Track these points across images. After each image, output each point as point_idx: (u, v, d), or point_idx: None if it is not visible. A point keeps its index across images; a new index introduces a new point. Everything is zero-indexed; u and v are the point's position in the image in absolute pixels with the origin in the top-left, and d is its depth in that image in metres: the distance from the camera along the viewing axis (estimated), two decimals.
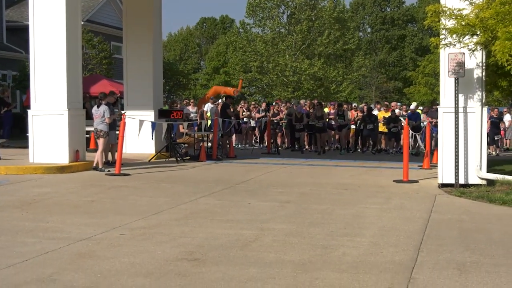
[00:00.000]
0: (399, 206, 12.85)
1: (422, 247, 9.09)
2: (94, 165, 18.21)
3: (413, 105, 30.26)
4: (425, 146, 22.97)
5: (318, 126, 26.68)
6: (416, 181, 16.40)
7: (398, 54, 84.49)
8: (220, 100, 31.01)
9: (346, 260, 8.32)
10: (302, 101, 34.87)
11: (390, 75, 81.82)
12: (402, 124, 25.04)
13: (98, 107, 18.41)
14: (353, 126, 28.72)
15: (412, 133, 26.14)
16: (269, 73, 56.87)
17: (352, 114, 28.90)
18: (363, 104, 34.40)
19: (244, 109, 31.00)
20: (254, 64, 57.69)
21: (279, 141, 29.43)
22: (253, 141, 31.37)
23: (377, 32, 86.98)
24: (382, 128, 27.64)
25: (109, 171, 17.74)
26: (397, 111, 28.53)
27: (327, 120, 27.54)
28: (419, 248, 9.02)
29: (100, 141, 18.26)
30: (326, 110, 29.26)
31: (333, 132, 28.42)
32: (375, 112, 28.78)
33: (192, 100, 31.17)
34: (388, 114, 27.76)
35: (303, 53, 57.29)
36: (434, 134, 23.81)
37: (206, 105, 29.89)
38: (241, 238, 9.61)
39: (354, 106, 32.82)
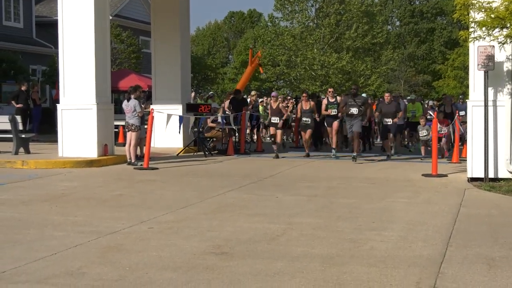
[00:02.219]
0: (427, 200, 12.78)
1: (451, 242, 9.02)
2: (128, 159, 18.27)
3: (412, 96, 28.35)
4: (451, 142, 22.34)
5: (305, 123, 21.48)
6: (445, 175, 16.29)
7: (427, 47, 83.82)
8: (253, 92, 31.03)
9: (374, 254, 8.28)
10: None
11: (419, 68, 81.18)
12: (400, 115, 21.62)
13: (128, 101, 18.45)
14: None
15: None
16: (297, 67, 56.74)
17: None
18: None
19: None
20: (282, 58, 57.59)
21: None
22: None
23: (406, 25, 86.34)
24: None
25: (136, 165, 17.81)
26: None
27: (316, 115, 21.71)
28: (447, 243, 8.95)
29: (132, 135, 18.27)
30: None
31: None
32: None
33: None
34: None
35: (331, 47, 57.06)
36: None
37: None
38: (269, 232, 9.61)
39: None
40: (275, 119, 21.76)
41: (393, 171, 17.66)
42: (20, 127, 20.15)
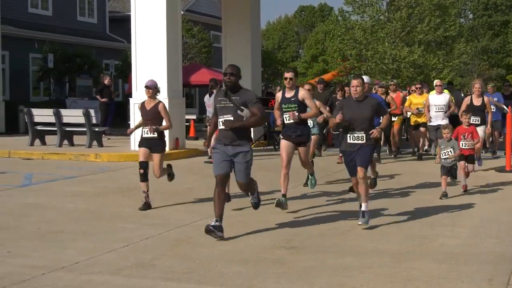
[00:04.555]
0: (500, 196, 12.55)
1: None
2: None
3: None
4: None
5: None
6: None
7: (501, 40, 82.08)
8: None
9: (445, 251, 8.18)
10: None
11: (493, 62, 79.62)
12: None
13: (210, 95, 18.50)
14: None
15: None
16: (367, 61, 56.31)
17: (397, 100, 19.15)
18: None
19: None
20: (352, 52, 57.22)
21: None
22: None
23: (479, 18, 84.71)
24: (415, 120, 19.01)
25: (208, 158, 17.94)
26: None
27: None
28: None
29: None
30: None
31: None
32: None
33: None
34: (423, 99, 18.52)
35: (402, 41, 56.44)
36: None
37: None
38: (339, 226, 9.58)
39: (379, 84, 20.53)
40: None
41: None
42: (94, 121, 20.45)
